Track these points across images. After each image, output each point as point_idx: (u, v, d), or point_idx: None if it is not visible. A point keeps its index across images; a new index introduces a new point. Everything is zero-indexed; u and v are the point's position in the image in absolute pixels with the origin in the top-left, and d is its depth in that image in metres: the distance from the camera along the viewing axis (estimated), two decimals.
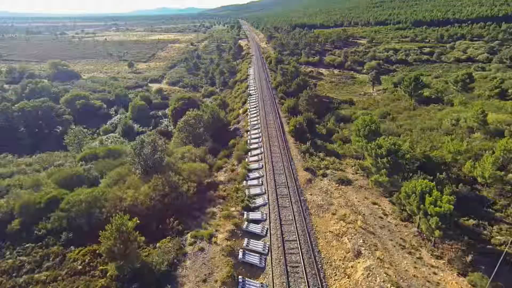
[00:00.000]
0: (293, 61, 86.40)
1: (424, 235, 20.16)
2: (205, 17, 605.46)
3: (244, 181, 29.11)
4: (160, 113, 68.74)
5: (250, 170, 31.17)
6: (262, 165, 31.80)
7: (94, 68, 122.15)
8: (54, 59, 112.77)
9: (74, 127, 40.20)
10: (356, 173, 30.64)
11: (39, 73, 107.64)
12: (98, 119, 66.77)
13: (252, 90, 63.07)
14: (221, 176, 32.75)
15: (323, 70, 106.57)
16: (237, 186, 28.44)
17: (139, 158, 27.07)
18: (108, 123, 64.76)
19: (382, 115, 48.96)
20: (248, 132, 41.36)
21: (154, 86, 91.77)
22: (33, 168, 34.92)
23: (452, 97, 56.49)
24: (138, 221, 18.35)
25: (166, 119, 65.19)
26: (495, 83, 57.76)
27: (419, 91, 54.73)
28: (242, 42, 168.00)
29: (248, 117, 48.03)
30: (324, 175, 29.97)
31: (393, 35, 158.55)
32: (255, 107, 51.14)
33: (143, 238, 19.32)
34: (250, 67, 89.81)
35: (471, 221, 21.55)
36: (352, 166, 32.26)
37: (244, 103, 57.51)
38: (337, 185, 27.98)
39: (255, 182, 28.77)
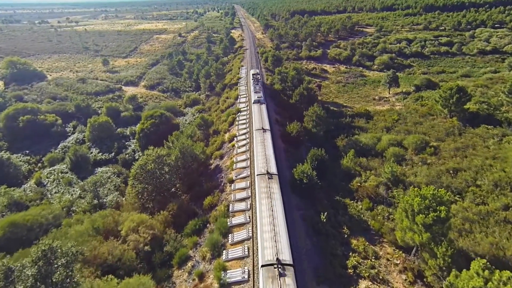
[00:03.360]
0: (293, 59, 72.16)
1: None
2: (199, 3, 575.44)
3: None
4: (128, 131, 54.77)
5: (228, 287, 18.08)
6: (248, 273, 18.64)
7: (65, 66, 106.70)
8: (15, 56, 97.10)
9: None
10: None
11: None
12: (49, 140, 52.93)
13: (243, 102, 49.07)
14: None
15: (327, 67, 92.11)
16: None
17: (45, 284, 13.96)
18: (59, 146, 50.95)
19: (418, 145, 35.54)
20: (232, 185, 27.98)
21: (129, 91, 77.28)
22: None
23: (505, 111, 43.08)
24: None
25: (135, 141, 51.49)
26: None
27: (463, 106, 41.21)
28: (236, 32, 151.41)
29: (235, 151, 34.54)
30: None
31: (403, 22, 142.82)
32: (244, 134, 37.53)
33: None
34: (242, 66, 75.07)
35: None
36: (400, 272, 19.21)
37: (232, 123, 43.81)
38: None
39: None
